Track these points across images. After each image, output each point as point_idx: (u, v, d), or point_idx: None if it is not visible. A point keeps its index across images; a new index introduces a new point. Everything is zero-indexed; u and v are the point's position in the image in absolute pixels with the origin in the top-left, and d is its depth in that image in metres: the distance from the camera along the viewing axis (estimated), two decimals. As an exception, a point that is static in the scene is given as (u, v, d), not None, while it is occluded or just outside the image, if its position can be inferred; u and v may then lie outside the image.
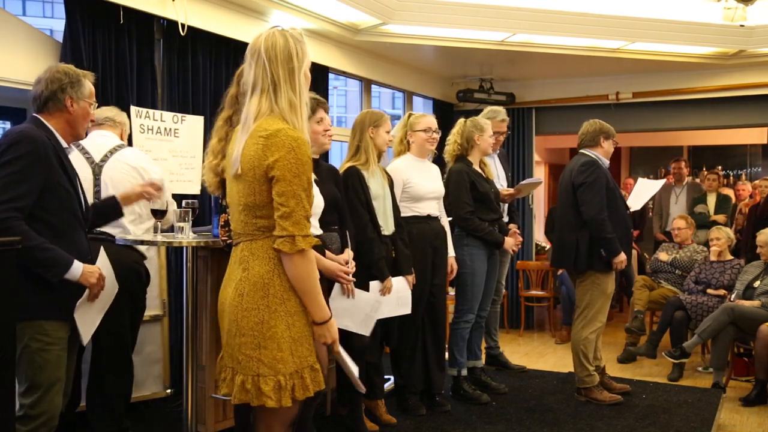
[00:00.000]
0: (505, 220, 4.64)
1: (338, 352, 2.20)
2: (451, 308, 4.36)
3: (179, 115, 4.20)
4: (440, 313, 4.04)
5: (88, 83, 2.61)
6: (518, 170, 6.93)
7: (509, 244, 4.32)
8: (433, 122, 4.02)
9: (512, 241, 4.36)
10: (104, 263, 2.65)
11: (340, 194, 3.37)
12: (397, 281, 3.58)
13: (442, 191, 4.09)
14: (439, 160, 4.42)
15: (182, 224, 3.07)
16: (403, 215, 3.83)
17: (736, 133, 9.06)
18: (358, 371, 2.29)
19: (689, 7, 5.54)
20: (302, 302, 2.10)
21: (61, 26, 3.70)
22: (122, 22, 3.86)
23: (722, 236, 5.54)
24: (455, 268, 4.11)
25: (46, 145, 2.42)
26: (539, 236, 8.09)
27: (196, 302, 3.16)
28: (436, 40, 5.67)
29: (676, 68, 6.38)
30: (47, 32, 3.93)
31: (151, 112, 4.03)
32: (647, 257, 7.19)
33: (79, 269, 2.46)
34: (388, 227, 3.65)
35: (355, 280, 3.16)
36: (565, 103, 7.08)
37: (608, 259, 4.10)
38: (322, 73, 5.37)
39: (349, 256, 3.12)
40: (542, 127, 7.28)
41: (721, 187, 7.88)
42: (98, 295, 2.58)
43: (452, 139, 4.25)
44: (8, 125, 4.30)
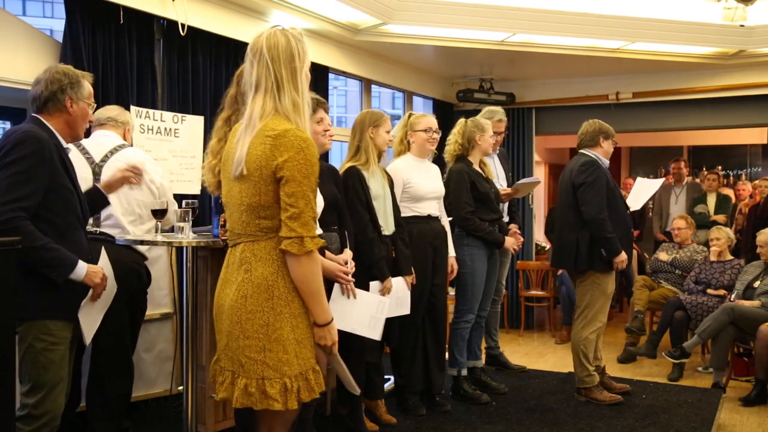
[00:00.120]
0: (505, 220, 4.64)
1: (336, 354, 2.19)
2: (451, 308, 4.36)
3: (179, 115, 4.20)
4: (440, 313, 4.03)
5: (87, 84, 2.62)
6: (518, 170, 6.93)
7: (509, 243, 4.33)
8: (433, 122, 4.02)
9: (512, 240, 4.37)
10: (105, 263, 2.66)
11: (339, 194, 3.37)
12: (396, 281, 3.58)
13: (442, 191, 4.08)
14: (438, 160, 4.42)
15: (182, 224, 3.07)
16: (403, 215, 3.83)
17: (736, 133, 9.06)
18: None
19: (689, 7, 5.54)
20: (305, 304, 2.09)
21: (61, 26, 3.70)
22: (122, 22, 3.86)
23: (722, 236, 5.54)
24: (456, 267, 4.11)
25: (50, 145, 2.43)
26: (539, 236, 8.09)
27: (196, 302, 3.16)
28: (436, 40, 5.67)
29: (676, 68, 6.38)
30: (47, 32, 3.92)
31: (151, 112, 4.03)
32: (647, 257, 7.19)
33: (83, 269, 2.48)
34: (388, 227, 3.65)
35: (354, 280, 3.15)
36: (565, 103, 7.08)
37: (609, 258, 4.10)
38: (322, 73, 5.37)
39: (348, 256, 3.12)
40: (542, 127, 7.28)
41: (721, 187, 7.88)
42: (101, 295, 2.59)
43: (453, 139, 4.25)
44: (8, 125, 4.30)
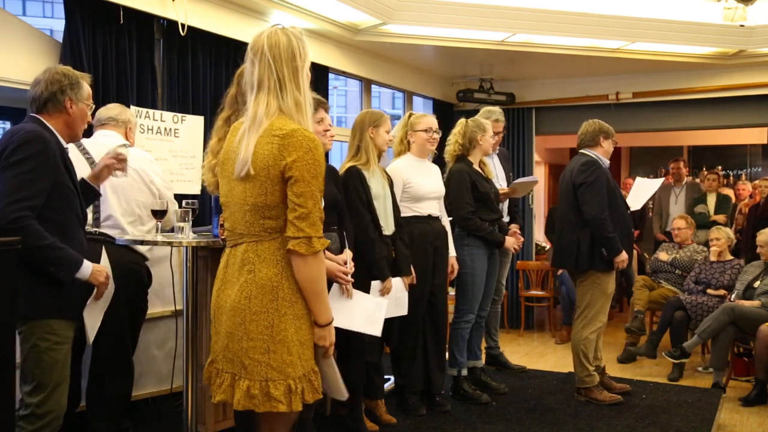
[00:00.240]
0: (506, 219, 4.64)
1: (330, 356, 2.19)
2: (451, 308, 4.35)
3: (179, 115, 4.20)
4: (441, 313, 4.03)
5: (86, 85, 2.63)
6: (518, 170, 6.92)
7: (510, 243, 4.33)
8: (433, 122, 4.02)
9: (513, 240, 4.37)
10: (105, 264, 2.68)
11: (339, 194, 3.36)
12: (394, 282, 3.58)
13: (442, 191, 4.08)
14: (438, 160, 4.42)
15: (182, 224, 3.07)
16: (403, 215, 3.83)
17: (736, 133, 9.06)
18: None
19: (689, 7, 5.54)
20: (308, 304, 2.08)
21: (61, 26, 3.70)
22: (122, 22, 3.86)
23: (722, 236, 5.54)
24: (456, 267, 4.11)
25: (53, 145, 2.45)
26: (539, 236, 8.09)
27: (196, 302, 3.15)
28: (436, 40, 5.67)
29: (676, 68, 6.37)
30: (47, 32, 3.92)
31: (151, 112, 4.03)
32: (647, 257, 7.19)
33: (89, 268, 2.50)
34: (388, 227, 3.65)
35: (352, 281, 3.15)
36: (565, 103, 7.07)
37: (610, 258, 4.10)
38: (322, 73, 5.37)
39: (348, 256, 3.12)
40: (542, 127, 7.28)
41: (721, 187, 7.88)
42: (103, 294, 2.62)
43: (454, 139, 4.25)
44: (8, 125, 4.30)
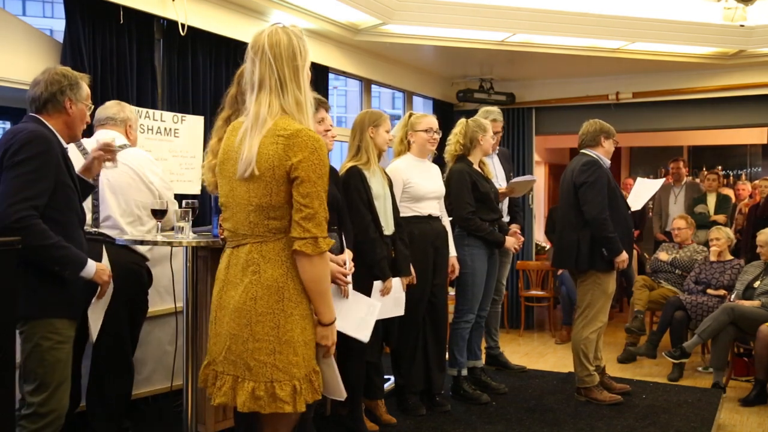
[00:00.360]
0: (506, 219, 4.64)
1: (331, 355, 2.19)
2: (451, 308, 4.35)
3: (179, 115, 4.20)
4: (441, 313, 4.03)
5: (85, 86, 2.65)
6: (518, 170, 6.92)
7: (510, 243, 4.33)
8: (434, 122, 4.02)
9: (513, 240, 4.36)
10: (106, 263, 2.69)
11: (339, 194, 3.36)
12: (393, 282, 3.58)
13: (442, 191, 4.08)
14: (438, 160, 4.41)
15: (182, 224, 3.07)
16: (404, 215, 3.83)
17: (736, 133, 9.06)
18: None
19: (689, 7, 5.54)
20: (313, 304, 2.08)
21: (61, 26, 3.70)
22: (122, 22, 3.86)
23: (722, 236, 5.54)
24: (457, 267, 4.11)
25: (55, 144, 2.46)
26: (539, 236, 8.09)
27: (195, 302, 3.15)
28: (436, 40, 5.67)
29: (676, 68, 6.37)
30: (47, 32, 3.92)
31: (151, 112, 4.03)
32: (647, 257, 7.19)
33: (93, 267, 2.53)
34: (388, 227, 3.65)
35: (351, 282, 3.14)
36: (565, 103, 7.07)
37: (610, 258, 4.10)
38: (322, 73, 5.37)
39: (348, 256, 3.12)
40: (542, 127, 7.28)
41: (721, 187, 7.88)
42: (106, 292, 2.64)
43: (454, 139, 4.24)
44: (8, 125, 4.30)
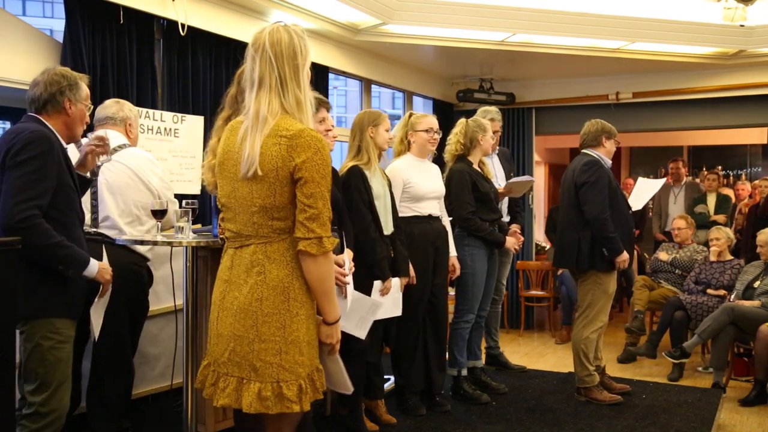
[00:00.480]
0: (507, 219, 4.64)
1: (336, 352, 2.20)
2: (451, 308, 4.36)
3: (179, 115, 4.20)
4: (441, 313, 4.03)
5: (84, 86, 2.65)
6: (518, 171, 6.92)
7: (510, 243, 4.33)
8: (434, 122, 4.02)
9: (513, 240, 4.37)
10: (106, 263, 2.70)
11: (338, 194, 3.36)
12: (393, 282, 3.58)
13: (442, 191, 4.08)
14: (438, 160, 4.41)
15: (182, 224, 3.07)
16: (404, 215, 3.83)
17: (736, 133, 9.06)
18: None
19: (689, 7, 5.54)
20: (318, 303, 2.09)
21: (61, 26, 3.70)
22: (122, 22, 3.86)
23: (722, 236, 5.54)
24: (458, 267, 4.11)
25: (57, 144, 2.47)
26: (539, 236, 8.09)
27: (195, 302, 3.15)
28: (436, 40, 5.67)
29: (676, 68, 6.37)
30: (47, 32, 3.92)
31: (151, 112, 4.03)
32: (647, 257, 7.19)
33: (95, 266, 2.54)
34: (387, 227, 3.65)
35: (350, 282, 3.13)
36: (565, 103, 7.07)
37: (611, 258, 4.10)
38: (322, 73, 5.37)
39: (348, 256, 3.12)
40: (542, 127, 7.28)
41: (720, 187, 7.88)
42: (107, 291, 2.65)
43: (454, 139, 4.24)
44: (8, 125, 4.30)
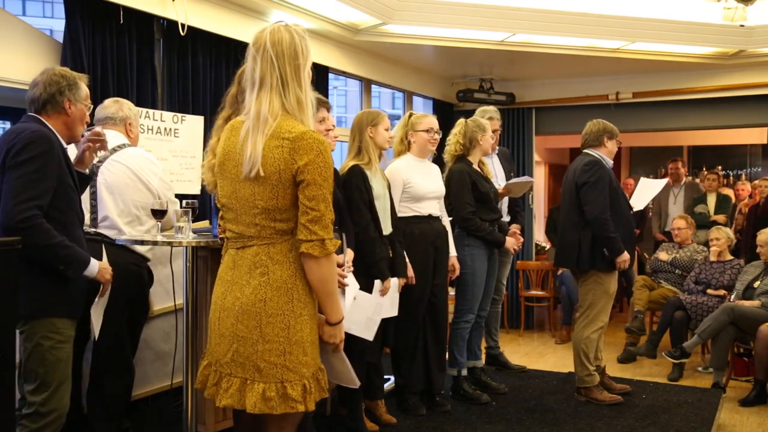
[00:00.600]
0: (507, 219, 4.64)
1: (341, 350, 2.22)
2: (451, 308, 4.36)
3: (179, 115, 4.20)
4: (441, 313, 4.03)
5: (84, 86, 2.65)
6: (518, 171, 6.92)
7: (510, 244, 4.33)
8: (434, 122, 4.02)
9: (513, 241, 4.36)
10: (105, 263, 2.70)
11: (339, 195, 3.36)
12: (391, 282, 3.57)
13: (442, 191, 4.08)
14: (438, 160, 4.41)
15: (182, 224, 3.07)
16: (404, 215, 3.83)
17: (736, 133, 9.06)
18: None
19: (689, 7, 5.54)
20: (321, 304, 2.10)
21: (61, 26, 3.70)
22: (122, 22, 3.86)
23: (722, 236, 5.54)
24: (458, 267, 4.11)
25: (57, 144, 2.47)
26: (539, 236, 8.08)
27: (195, 302, 3.15)
28: (436, 40, 5.67)
29: (676, 68, 6.37)
30: (47, 32, 3.92)
31: (151, 112, 4.03)
32: (647, 257, 7.19)
33: (96, 266, 2.54)
34: (386, 227, 3.65)
35: (348, 284, 3.13)
36: (565, 103, 7.08)
37: (611, 258, 4.10)
38: (322, 73, 5.37)
39: (349, 256, 3.11)
40: (542, 127, 7.28)
41: (720, 187, 7.88)
42: (108, 290, 2.66)
43: (454, 139, 4.24)
44: (8, 125, 4.30)
